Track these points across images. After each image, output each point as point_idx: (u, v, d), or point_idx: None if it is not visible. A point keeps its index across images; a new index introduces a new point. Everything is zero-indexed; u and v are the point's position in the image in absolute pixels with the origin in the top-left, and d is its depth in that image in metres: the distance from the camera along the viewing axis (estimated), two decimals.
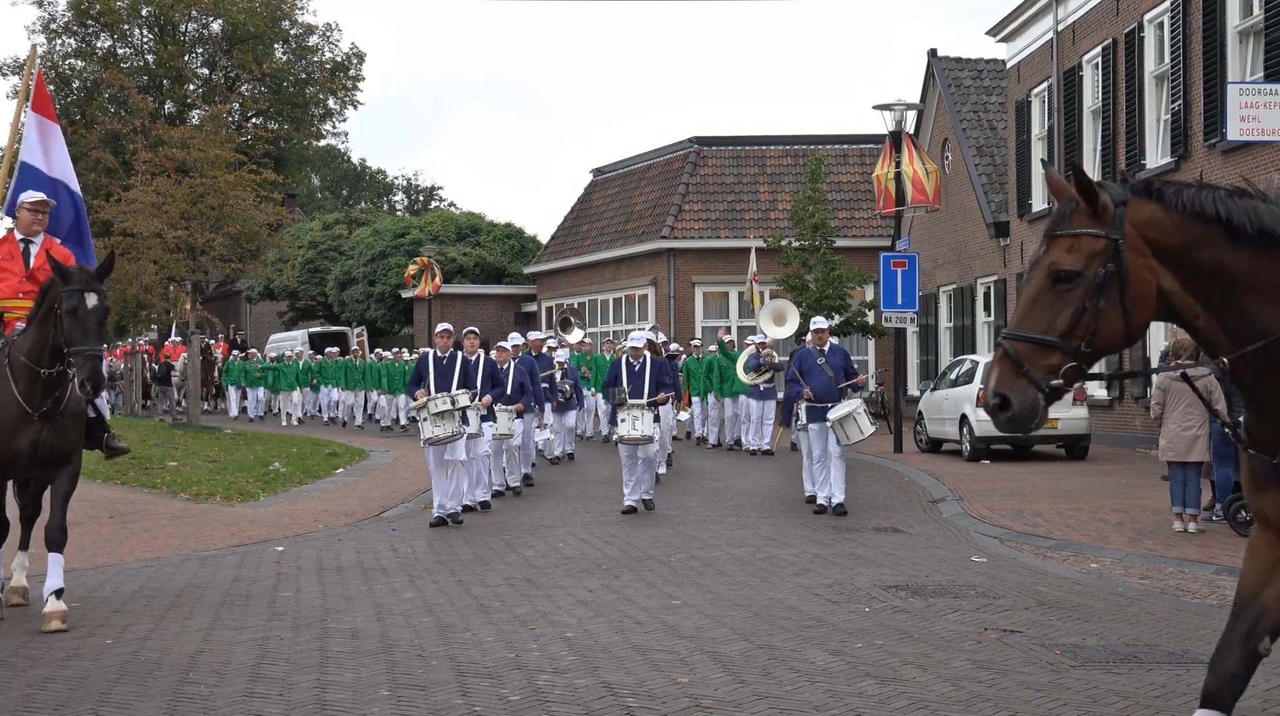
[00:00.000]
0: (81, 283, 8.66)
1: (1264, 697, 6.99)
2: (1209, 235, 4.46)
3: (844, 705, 6.82)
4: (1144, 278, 4.44)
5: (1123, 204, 4.47)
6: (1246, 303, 4.46)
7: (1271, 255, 4.46)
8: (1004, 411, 4.42)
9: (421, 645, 8.30)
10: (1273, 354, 4.46)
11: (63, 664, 7.82)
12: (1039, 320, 4.45)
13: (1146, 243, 4.45)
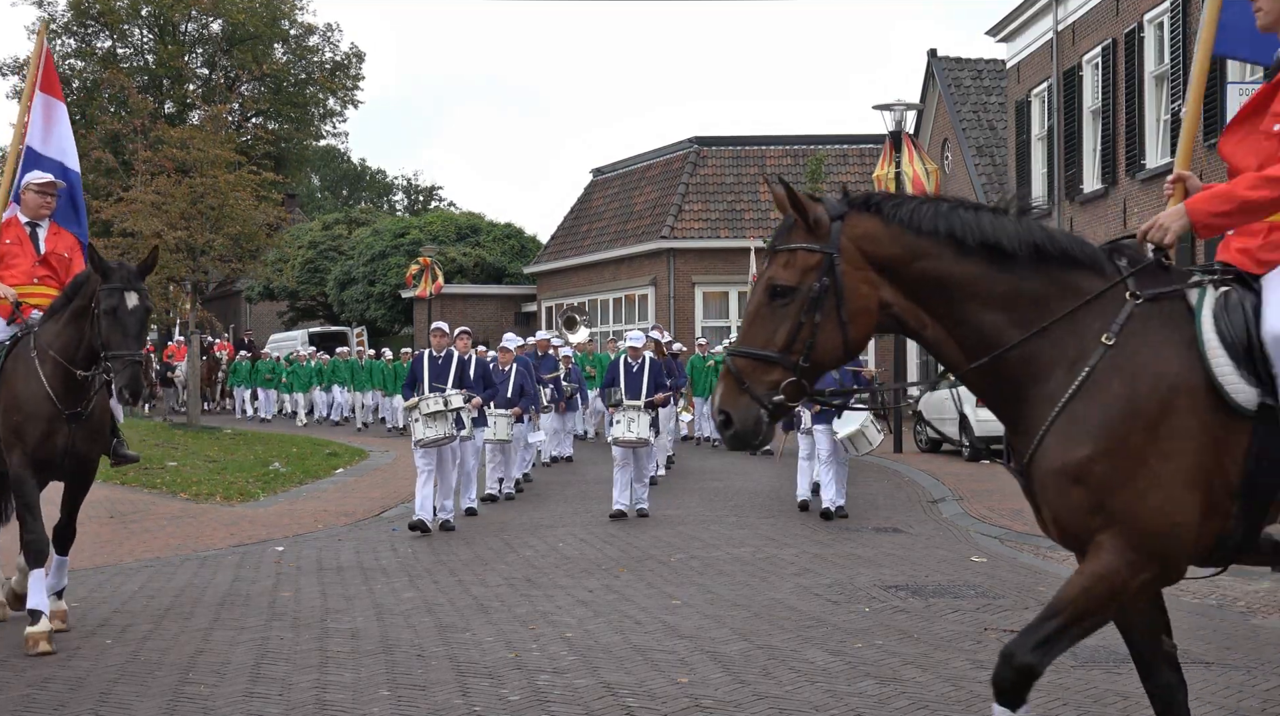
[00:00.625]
0: (122, 281, 8.12)
1: (1264, 697, 6.99)
2: (930, 247, 4.46)
3: (844, 705, 6.83)
4: (862, 291, 4.44)
5: (839, 218, 4.48)
6: (971, 313, 4.46)
7: (998, 267, 4.46)
8: (727, 428, 4.41)
9: (421, 645, 8.31)
10: (1000, 366, 4.46)
11: (63, 664, 7.82)
12: (758, 336, 4.44)
13: (864, 256, 4.45)
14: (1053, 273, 4.51)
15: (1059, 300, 4.47)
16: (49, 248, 9.20)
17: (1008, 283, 4.48)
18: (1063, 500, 4.37)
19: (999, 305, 4.47)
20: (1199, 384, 4.32)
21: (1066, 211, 27.12)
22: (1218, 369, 4.32)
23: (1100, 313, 4.45)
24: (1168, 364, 4.36)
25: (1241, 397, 4.30)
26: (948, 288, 4.47)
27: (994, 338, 4.47)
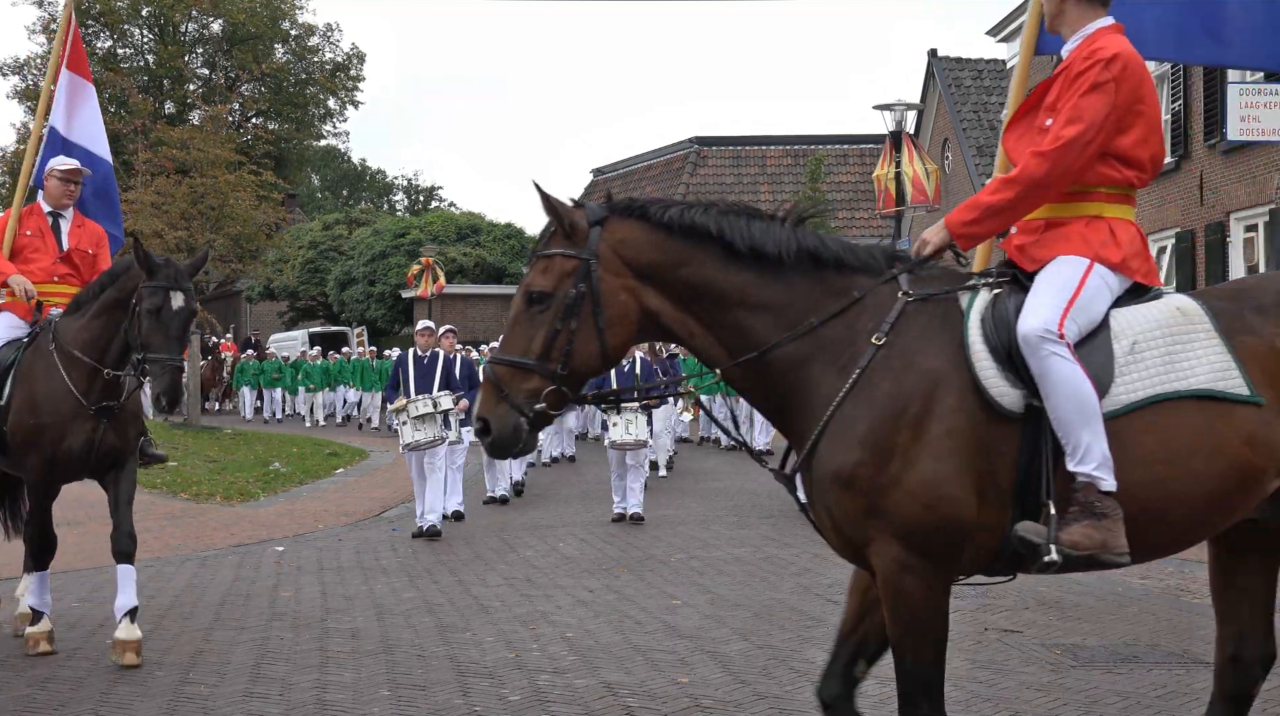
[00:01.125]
0: (168, 279, 7.54)
1: (1264, 697, 6.98)
2: (695, 253, 4.41)
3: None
4: (620, 298, 4.37)
5: (599, 223, 4.41)
6: (738, 319, 4.42)
7: (767, 273, 4.43)
8: (485, 436, 4.36)
9: (421, 645, 8.30)
10: (769, 369, 4.43)
11: (63, 664, 7.82)
12: (517, 343, 4.37)
13: (623, 262, 4.39)
14: (825, 277, 4.47)
15: (830, 303, 4.43)
16: (72, 243, 8.61)
17: (776, 288, 4.43)
18: (839, 506, 4.31)
19: (768, 311, 4.42)
20: (967, 384, 4.27)
21: None
22: (981, 371, 4.27)
23: (874, 314, 4.40)
24: (936, 363, 4.30)
25: (1006, 401, 4.25)
26: (713, 294, 4.42)
27: (762, 343, 4.42)
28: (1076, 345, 4.30)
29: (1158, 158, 4.58)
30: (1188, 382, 4.29)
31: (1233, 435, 4.29)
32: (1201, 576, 11.20)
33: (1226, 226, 20.89)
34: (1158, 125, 4.57)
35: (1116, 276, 4.46)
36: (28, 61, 50.65)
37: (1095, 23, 4.60)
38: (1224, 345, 4.35)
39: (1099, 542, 4.24)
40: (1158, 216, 23.29)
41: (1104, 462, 4.20)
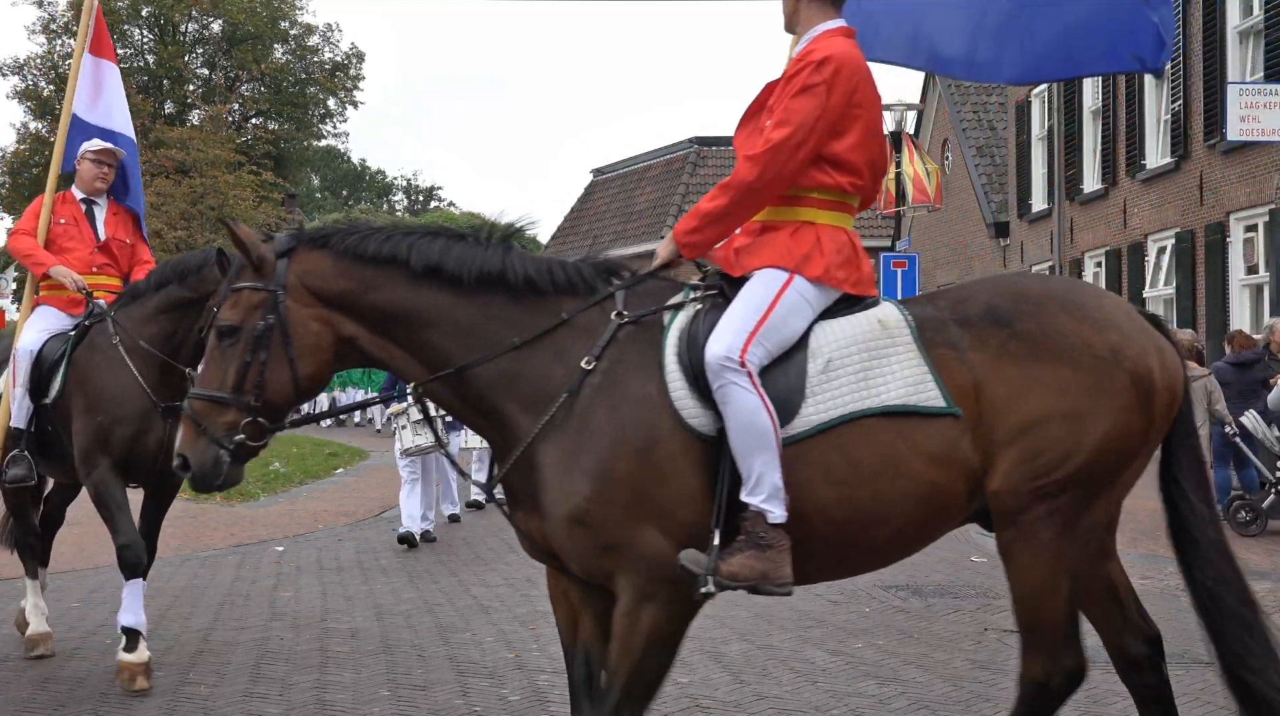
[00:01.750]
0: None
1: None
2: (382, 278, 4.41)
3: (844, 705, 6.83)
4: (310, 328, 4.37)
5: (286, 255, 4.43)
6: (434, 339, 4.41)
7: (462, 295, 4.41)
8: (185, 471, 4.40)
9: (421, 645, 8.30)
10: (462, 385, 4.41)
11: (62, 664, 7.82)
12: (213, 378, 4.39)
13: (311, 292, 4.40)
14: (529, 297, 4.42)
15: (535, 323, 4.38)
16: (109, 232, 8.07)
17: (471, 309, 4.40)
18: (574, 545, 4.23)
19: (463, 332, 4.39)
20: (672, 406, 4.22)
21: (1067, 212, 27.14)
22: (674, 393, 4.21)
23: (585, 336, 4.35)
24: (645, 387, 4.23)
25: (697, 423, 4.19)
26: (405, 317, 4.41)
27: (458, 362, 4.40)
28: (771, 366, 4.24)
29: (877, 163, 4.52)
30: (878, 399, 4.20)
31: (914, 455, 4.18)
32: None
33: (1226, 226, 20.89)
34: (878, 130, 4.51)
35: (819, 289, 4.37)
36: (28, 61, 50.59)
37: (824, 24, 4.56)
38: (923, 357, 4.24)
39: (759, 573, 4.14)
40: (1157, 216, 23.29)
41: (774, 495, 4.11)
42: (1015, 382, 4.17)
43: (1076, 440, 4.18)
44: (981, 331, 4.24)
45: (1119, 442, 4.24)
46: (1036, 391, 4.17)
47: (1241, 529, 13.03)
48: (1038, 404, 4.17)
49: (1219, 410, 13.34)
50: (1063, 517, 4.25)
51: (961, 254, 32.79)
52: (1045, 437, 4.16)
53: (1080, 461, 4.20)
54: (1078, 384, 4.17)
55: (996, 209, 30.84)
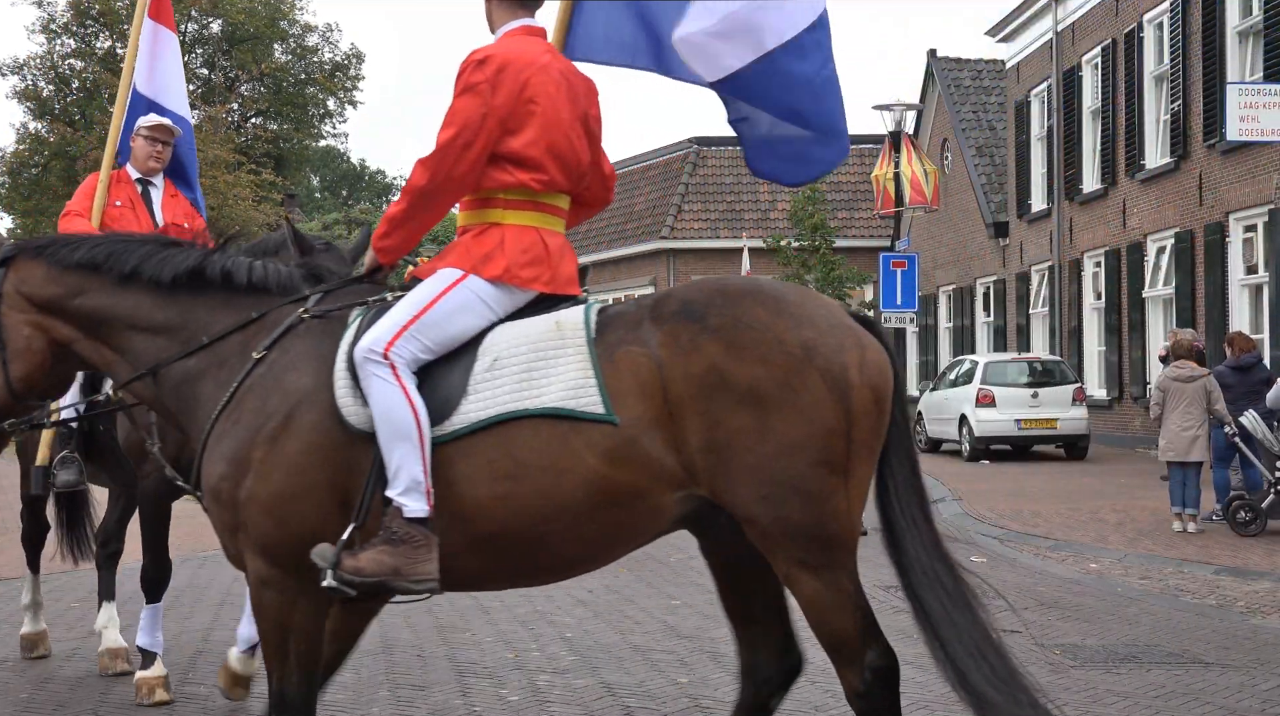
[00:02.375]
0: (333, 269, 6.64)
1: (1264, 697, 6.99)
2: (89, 284, 4.67)
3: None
4: (23, 333, 4.69)
5: (5, 264, 4.76)
6: (136, 340, 4.65)
7: (163, 297, 4.63)
8: None
9: (421, 645, 8.30)
10: (161, 384, 4.63)
11: (63, 664, 7.82)
12: None
13: (26, 298, 4.70)
14: (228, 299, 4.60)
15: (228, 322, 4.57)
16: (167, 216, 7.44)
17: (170, 311, 4.61)
18: (215, 520, 4.42)
19: (163, 332, 4.62)
20: (329, 402, 4.29)
21: (1066, 212, 27.13)
22: (337, 388, 4.28)
23: (266, 332, 4.50)
24: (303, 381, 4.33)
25: (354, 419, 4.23)
26: (109, 320, 4.67)
27: (155, 362, 4.62)
28: (437, 363, 4.29)
29: (564, 155, 4.50)
30: (538, 401, 4.18)
31: (585, 452, 4.14)
32: (1201, 576, 11.24)
33: (1226, 226, 20.89)
34: (558, 123, 4.47)
35: (500, 289, 4.41)
36: (27, 61, 50.60)
37: (511, 24, 4.63)
38: (590, 361, 4.20)
39: (390, 568, 4.13)
40: (1157, 217, 23.29)
41: (412, 488, 4.13)
42: (703, 378, 4.09)
43: (748, 438, 4.06)
44: (674, 327, 4.16)
45: (814, 441, 4.08)
46: (725, 389, 4.08)
47: (1241, 529, 13.03)
48: (725, 403, 4.08)
49: (1219, 410, 13.35)
50: (806, 532, 4.17)
51: (961, 254, 32.78)
52: (718, 436, 4.08)
53: (762, 462, 4.06)
54: (767, 380, 4.06)
55: (996, 209, 30.84)
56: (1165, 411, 13.58)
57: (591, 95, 4.71)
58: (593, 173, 4.75)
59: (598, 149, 4.76)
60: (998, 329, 30.69)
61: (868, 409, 4.15)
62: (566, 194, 4.62)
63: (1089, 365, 26.26)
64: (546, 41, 4.69)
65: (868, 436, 4.18)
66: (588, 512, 4.19)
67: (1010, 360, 23.86)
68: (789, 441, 4.06)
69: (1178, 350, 13.95)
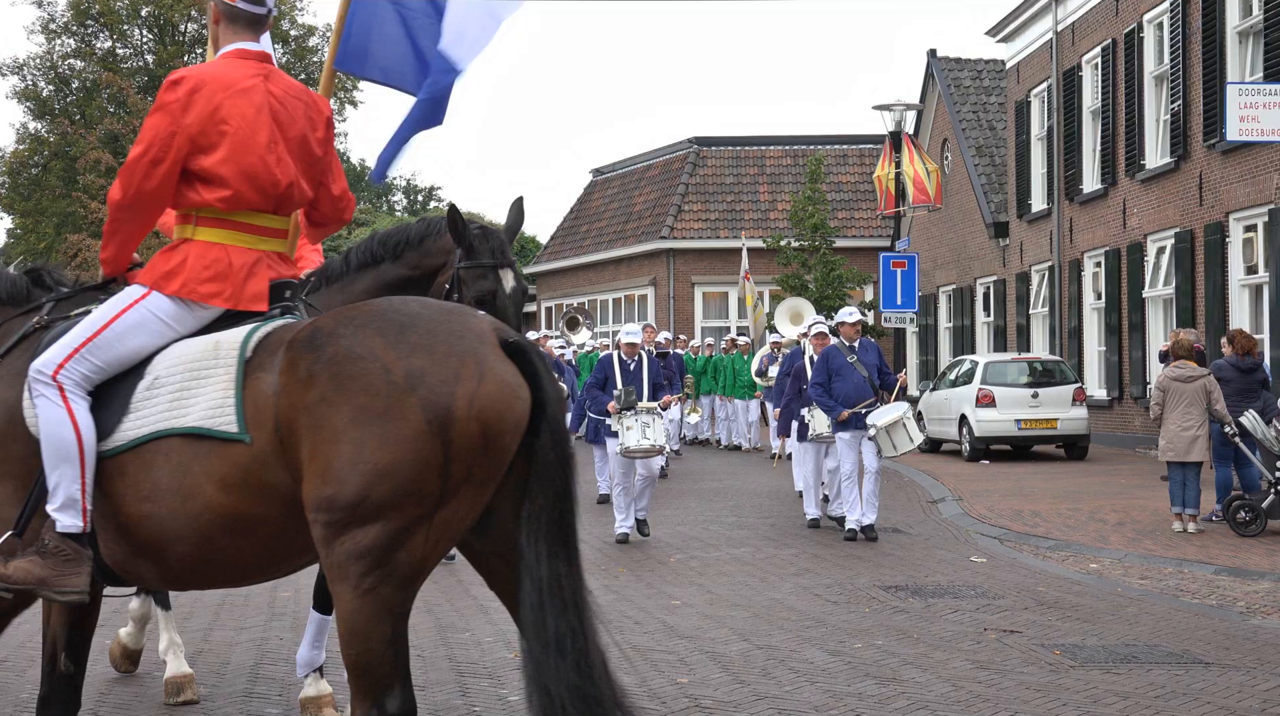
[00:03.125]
0: (494, 254, 5.99)
1: (1264, 697, 6.99)
2: None
3: (844, 705, 6.83)
4: None
5: None
6: None
7: None
8: None
9: (421, 645, 8.30)
10: None
11: None
12: None
13: None
14: None
15: None
16: None
17: None
18: None
19: None
20: (19, 411, 4.46)
21: (1066, 212, 27.14)
22: (24, 401, 4.43)
23: (4, 342, 4.65)
24: (11, 390, 4.49)
25: (34, 428, 4.38)
26: None
27: None
28: (112, 381, 4.40)
29: (257, 176, 4.56)
30: (182, 421, 4.24)
31: (211, 476, 4.19)
32: (1201, 576, 11.25)
33: (1226, 226, 20.89)
34: (252, 144, 4.55)
35: (179, 305, 4.49)
36: (27, 61, 50.62)
37: (228, 47, 4.73)
38: (235, 381, 4.24)
39: (38, 579, 4.29)
40: (1157, 216, 23.30)
41: (67, 505, 4.26)
42: (313, 409, 4.06)
43: (359, 469, 3.99)
44: (295, 355, 4.17)
45: (407, 473, 3.98)
46: (330, 419, 4.03)
47: (1241, 529, 13.04)
48: (329, 432, 4.03)
49: (1219, 410, 13.35)
50: (373, 556, 4.05)
51: (961, 254, 32.78)
52: (333, 467, 4.01)
53: (361, 492, 3.98)
54: (368, 410, 4.00)
55: (996, 209, 30.84)
56: (1165, 411, 13.59)
57: (317, 118, 4.79)
58: (321, 193, 4.87)
59: (322, 170, 4.84)
60: (998, 329, 30.70)
61: (472, 443, 4.02)
62: (268, 213, 4.66)
63: (1089, 365, 26.26)
64: (264, 65, 4.73)
65: (470, 470, 4.05)
66: (217, 537, 4.25)
67: (1010, 360, 23.86)
68: (379, 469, 3.97)
69: (1178, 350, 13.95)
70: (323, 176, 4.85)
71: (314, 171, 4.79)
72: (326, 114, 4.85)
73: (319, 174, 4.83)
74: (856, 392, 13.43)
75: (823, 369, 13.68)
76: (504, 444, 4.09)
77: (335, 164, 4.94)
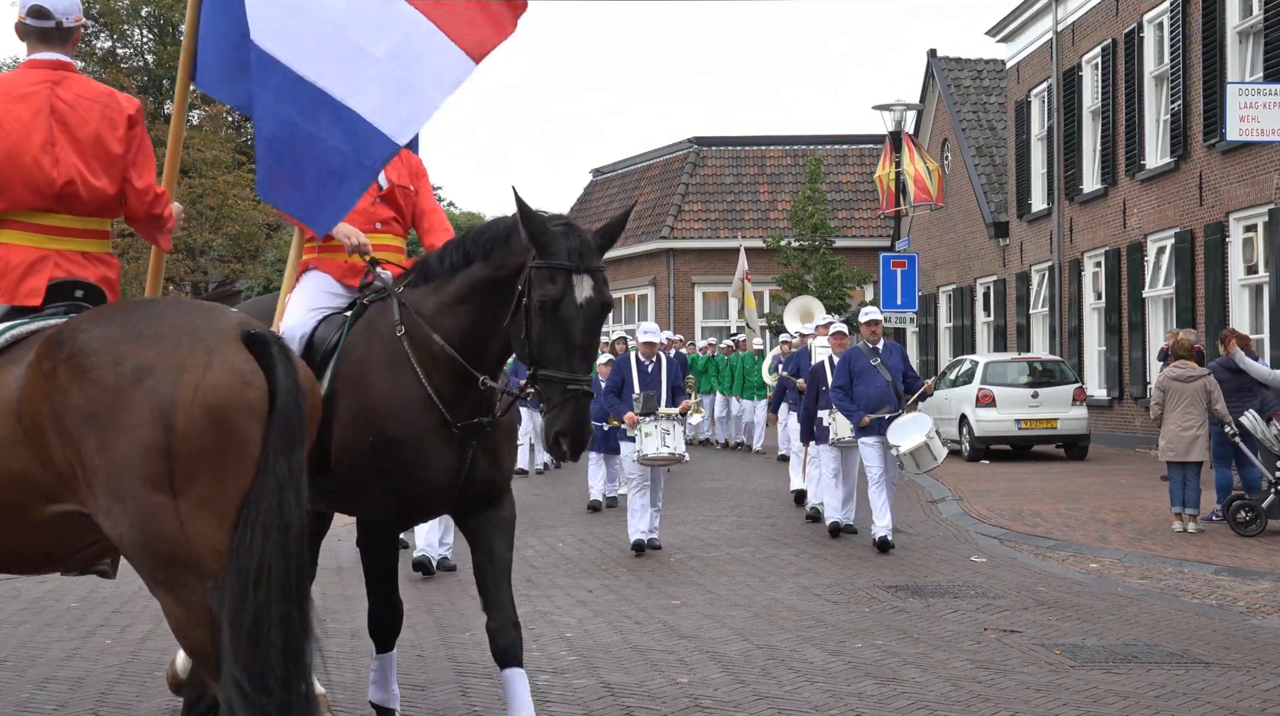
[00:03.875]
0: (573, 257, 5.20)
1: (1264, 697, 6.99)
2: None
3: (844, 705, 6.83)
4: None
5: None
6: None
7: None
8: None
9: (421, 645, 8.30)
10: None
11: (62, 664, 7.82)
12: None
13: None
14: None
15: None
16: (392, 178, 6.37)
17: None
18: None
19: None
20: None
21: (1067, 212, 27.14)
22: None
23: None
24: None
25: None
26: None
27: None
28: None
29: (30, 177, 4.86)
30: None
31: None
32: (1201, 576, 11.25)
33: (1226, 226, 20.89)
34: (25, 147, 4.85)
35: None
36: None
37: (29, 56, 5.05)
38: None
39: None
40: (1157, 216, 23.30)
41: None
42: (54, 401, 4.31)
43: (96, 458, 4.22)
44: (42, 351, 4.43)
45: (136, 461, 4.18)
46: (69, 412, 4.27)
47: (1241, 529, 13.03)
48: (70, 425, 4.26)
49: (1219, 410, 13.35)
50: (140, 545, 4.24)
51: (961, 254, 32.78)
52: (83, 459, 4.25)
53: (109, 483, 4.20)
54: (100, 402, 4.23)
55: (996, 209, 30.84)
56: (1165, 411, 13.58)
57: (117, 118, 5.02)
58: (127, 189, 5.06)
59: (125, 166, 5.05)
60: (998, 329, 30.70)
61: (198, 428, 4.18)
62: (56, 212, 4.94)
63: (1089, 365, 26.26)
64: (56, 72, 5.00)
65: (202, 455, 4.19)
66: None
67: (1010, 360, 23.86)
68: (117, 459, 4.18)
69: (1178, 350, 13.95)
70: (127, 172, 5.05)
71: (114, 169, 5.01)
72: (128, 113, 5.04)
73: (121, 170, 5.03)
74: (879, 397, 12.59)
75: (844, 371, 12.89)
76: (236, 427, 4.23)
77: (141, 160, 5.11)
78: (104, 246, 5.11)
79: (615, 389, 12.90)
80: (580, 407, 5.18)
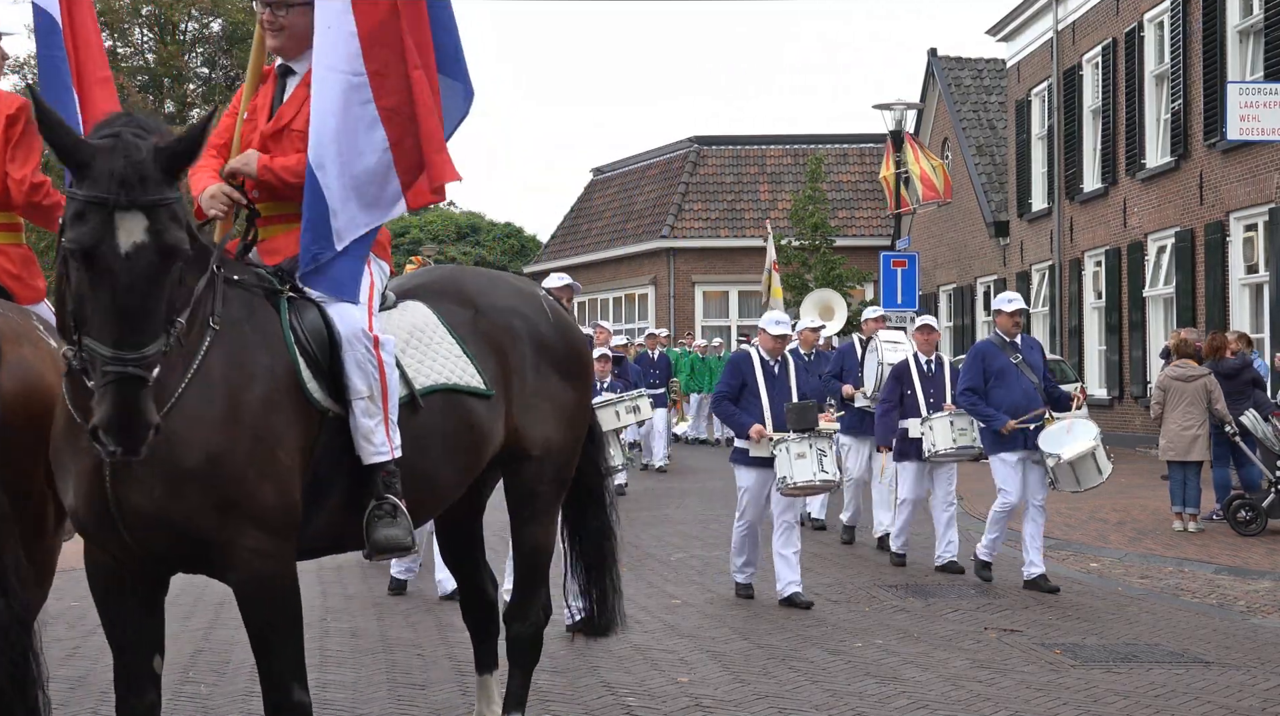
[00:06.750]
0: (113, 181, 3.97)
1: (1264, 697, 6.99)
2: None
3: (844, 705, 6.83)
4: None
5: None
6: None
7: None
8: None
9: (421, 644, 8.30)
10: None
11: (62, 663, 7.81)
12: None
13: None
14: None
15: None
16: None
17: None
18: None
19: None
20: None
21: (1067, 211, 27.13)
22: None
23: None
24: None
25: None
26: None
27: None
28: None
29: None
30: None
31: None
32: (1201, 576, 11.24)
33: (1226, 226, 20.88)
34: None
35: None
36: (27, 61, 50.63)
37: None
38: None
39: None
40: (1157, 216, 23.29)
41: None
42: None
43: None
44: None
45: None
46: None
47: (1241, 529, 13.03)
48: None
49: (1219, 409, 13.34)
50: None
51: (961, 253, 32.78)
52: None
53: None
54: None
55: (996, 208, 30.84)
56: (1166, 411, 13.58)
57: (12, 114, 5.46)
58: (9, 180, 5.42)
59: (4, 160, 5.44)
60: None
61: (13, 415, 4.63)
62: None
63: (1089, 365, 26.25)
64: None
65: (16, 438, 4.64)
66: None
67: None
68: None
69: (1179, 350, 13.95)
70: (6, 165, 5.41)
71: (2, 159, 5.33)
72: (8, 113, 5.50)
73: (1, 165, 5.38)
74: (1026, 402, 10.37)
75: (976, 370, 10.49)
76: (31, 415, 4.63)
77: (21, 153, 5.46)
78: None
79: (733, 394, 9.92)
80: (124, 395, 3.88)
